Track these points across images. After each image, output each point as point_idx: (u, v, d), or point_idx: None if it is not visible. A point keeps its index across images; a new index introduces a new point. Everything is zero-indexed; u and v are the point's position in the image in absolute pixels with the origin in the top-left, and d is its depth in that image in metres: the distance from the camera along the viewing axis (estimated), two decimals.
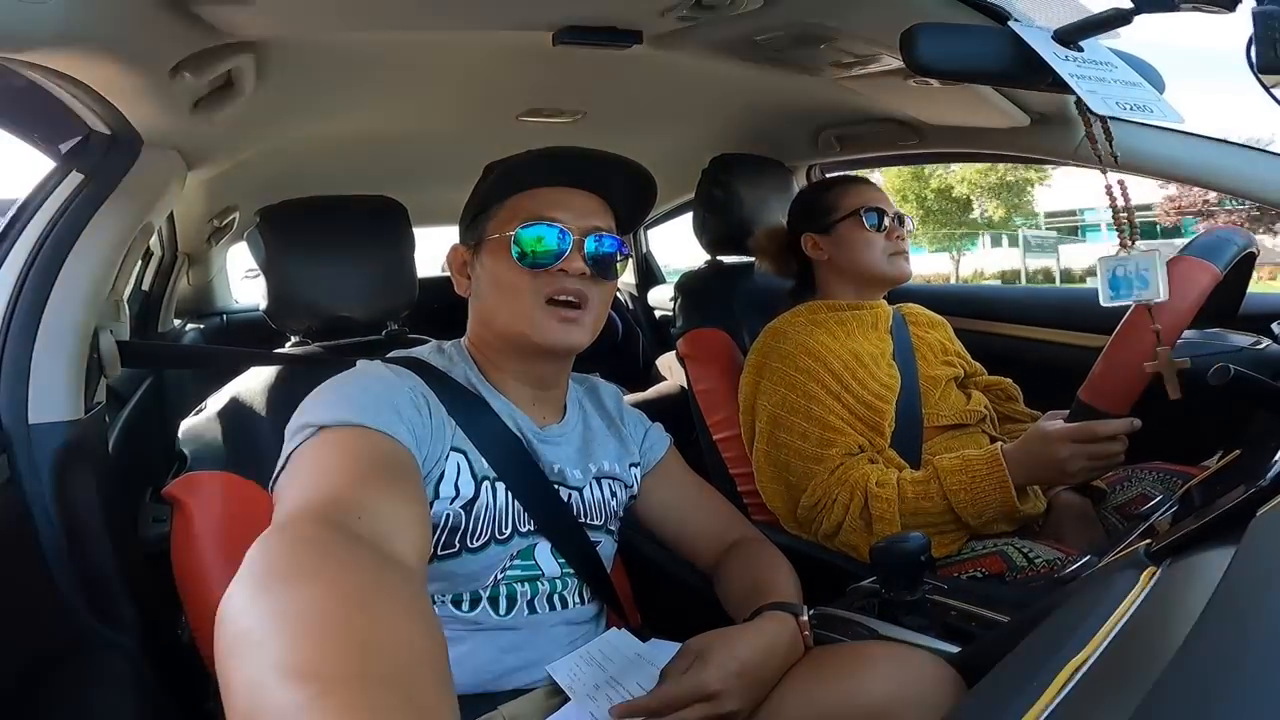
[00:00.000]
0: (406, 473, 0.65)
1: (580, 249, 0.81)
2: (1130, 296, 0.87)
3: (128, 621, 0.93)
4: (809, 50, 1.02)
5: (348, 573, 0.43)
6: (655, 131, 1.63)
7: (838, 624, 0.82)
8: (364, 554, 0.46)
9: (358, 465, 0.61)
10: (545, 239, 0.80)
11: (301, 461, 0.64)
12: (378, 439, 0.66)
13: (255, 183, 1.64)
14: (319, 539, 0.47)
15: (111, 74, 0.78)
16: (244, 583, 0.43)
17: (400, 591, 0.44)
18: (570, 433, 0.90)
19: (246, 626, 0.40)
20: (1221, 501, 0.47)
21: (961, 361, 1.34)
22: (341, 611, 0.40)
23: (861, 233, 1.25)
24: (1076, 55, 0.81)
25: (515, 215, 0.82)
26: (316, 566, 0.44)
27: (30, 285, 0.90)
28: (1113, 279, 0.88)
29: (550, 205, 0.82)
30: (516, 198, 0.84)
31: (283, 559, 0.45)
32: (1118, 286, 0.88)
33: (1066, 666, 0.37)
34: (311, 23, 0.83)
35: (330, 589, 0.41)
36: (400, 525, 0.55)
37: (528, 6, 0.87)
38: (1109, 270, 0.88)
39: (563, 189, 0.84)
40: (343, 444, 0.65)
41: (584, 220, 0.82)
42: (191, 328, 2.25)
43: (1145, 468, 1.14)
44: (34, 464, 0.87)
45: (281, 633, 0.38)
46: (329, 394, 0.72)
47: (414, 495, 0.64)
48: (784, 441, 1.16)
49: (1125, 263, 0.88)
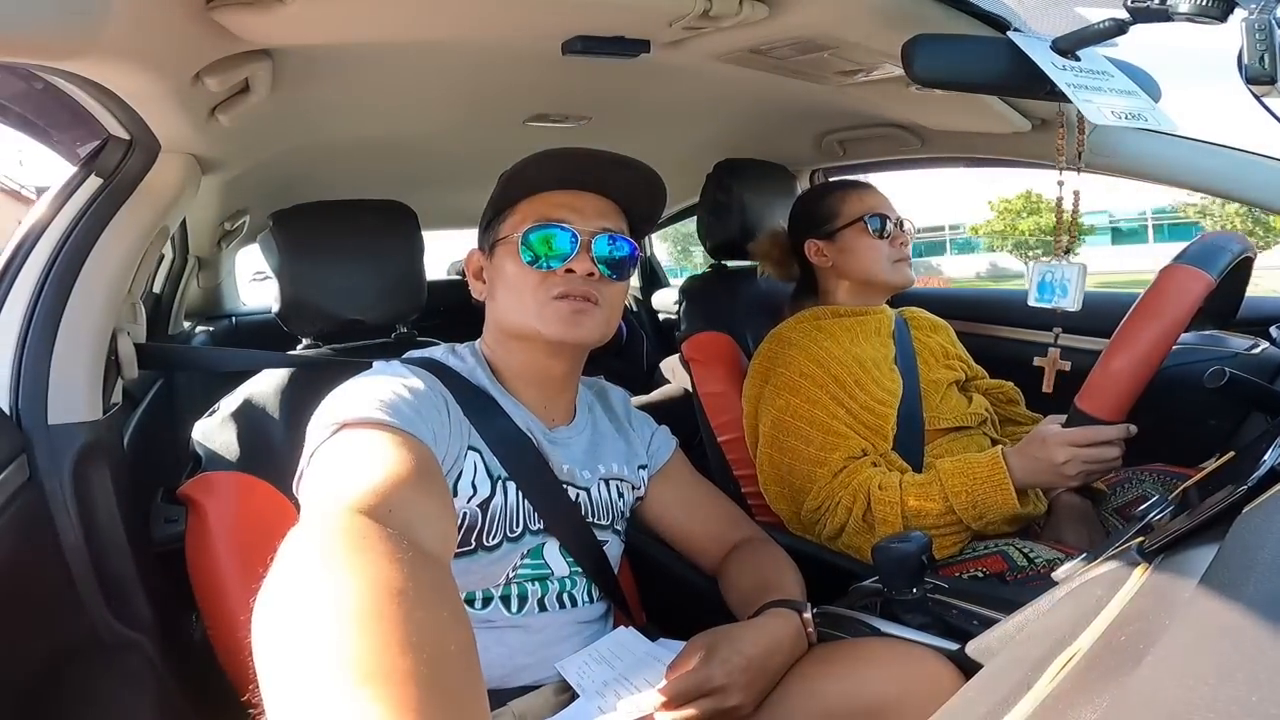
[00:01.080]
0: (430, 468, 0.66)
1: (588, 250, 0.82)
2: (1050, 301, 0.98)
3: (144, 620, 0.94)
4: (812, 58, 1.03)
5: (384, 564, 0.43)
6: (660, 136, 1.64)
7: (840, 622, 0.83)
8: (398, 546, 0.46)
9: (384, 461, 0.61)
10: (553, 240, 0.81)
11: (328, 458, 0.65)
12: (399, 436, 0.67)
13: (266, 186, 1.66)
14: (354, 530, 0.47)
15: (137, 80, 0.79)
16: (281, 575, 0.43)
17: (435, 584, 0.44)
18: (579, 434, 0.91)
19: (285, 618, 0.40)
20: (1211, 501, 0.48)
21: (963, 365, 1.35)
22: (379, 604, 0.40)
23: (865, 239, 1.26)
24: (1074, 65, 0.83)
25: (525, 218, 0.83)
26: (352, 558, 0.44)
27: (50, 287, 0.91)
28: (1041, 283, 0.99)
29: (558, 207, 0.83)
30: (528, 201, 0.85)
31: (319, 551, 0.45)
32: (1044, 290, 0.99)
33: (1059, 658, 0.39)
34: (332, 31, 0.84)
35: (368, 580, 0.42)
36: (428, 519, 0.56)
37: (539, 16, 0.88)
38: (1039, 275, 0.99)
39: (572, 192, 0.85)
40: (367, 441, 0.65)
41: (592, 222, 0.83)
42: (201, 330, 2.26)
43: (1145, 470, 1.15)
44: (54, 464, 0.88)
45: (321, 625, 0.39)
46: (351, 393, 0.72)
47: (440, 490, 0.64)
48: (787, 446, 1.17)
49: (1054, 270, 0.98)
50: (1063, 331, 1.05)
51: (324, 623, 0.39)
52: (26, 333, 0.90)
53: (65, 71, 0.72)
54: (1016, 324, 1.65)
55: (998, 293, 2.03)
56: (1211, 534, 0.44)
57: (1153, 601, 0.40)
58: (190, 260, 2.11)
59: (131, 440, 1.43)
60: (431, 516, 0.56)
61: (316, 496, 0.60)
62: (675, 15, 0.87)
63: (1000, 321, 1.68)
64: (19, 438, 0.87)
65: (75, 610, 0.90)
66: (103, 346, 0.96)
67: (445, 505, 0.62)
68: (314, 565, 0.44)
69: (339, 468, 0.62)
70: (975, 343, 1.44)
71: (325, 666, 0.36)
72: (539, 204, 0.84)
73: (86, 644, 0.91)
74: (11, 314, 0.91)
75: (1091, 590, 0.47)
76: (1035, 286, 0.98)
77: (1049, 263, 0.98)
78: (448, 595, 0.45)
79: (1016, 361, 1.49)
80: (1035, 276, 0.99)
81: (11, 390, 0.89)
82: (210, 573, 0.88)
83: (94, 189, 0.95)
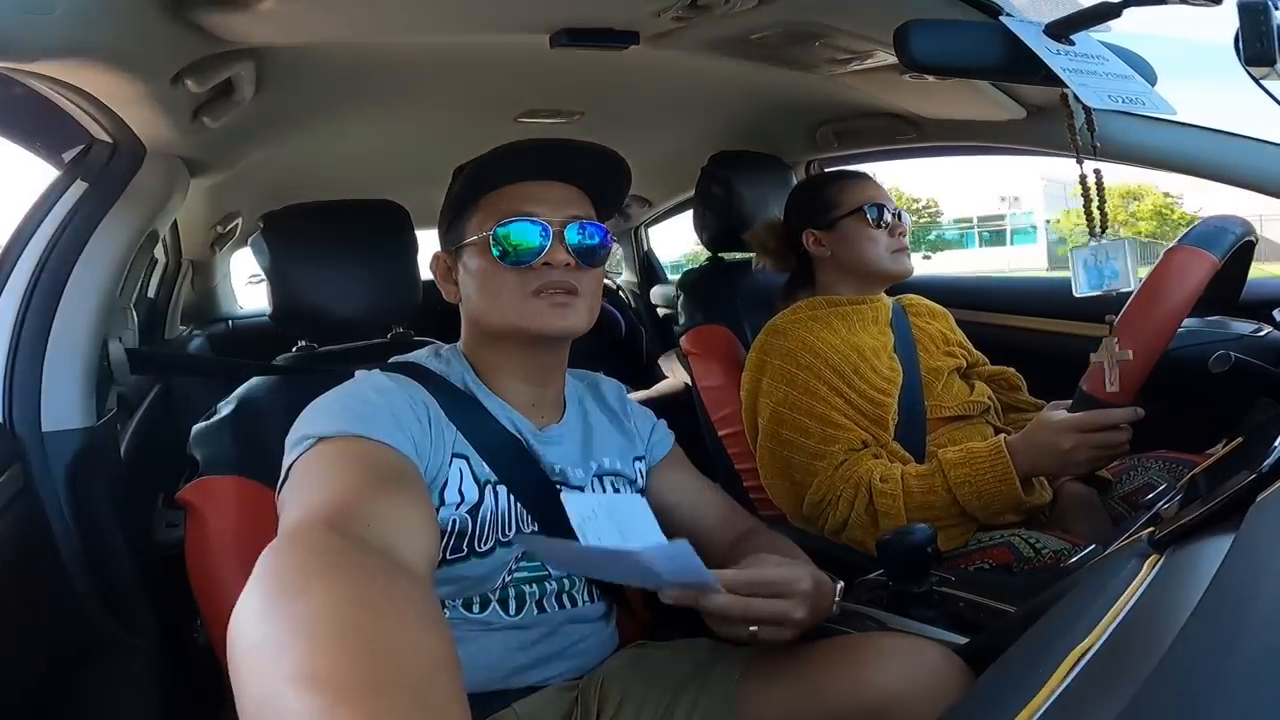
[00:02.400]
0: (409, 480, 0.65)
1: (561, 240, 0.80)
2: (1101, 286, 0.89)
3: (145, 625, 0.95)
4: (804, 47, 1.03)
5: (358, 580, 0.43)
6: (654, 130, 1.64)
7: (845, 616, 0.82)
8: (373, 561, 0.46)
9: (360, 474, 0.61)
10: (525, 234, 0.79)
11: (303, 472, 0.64)
12: (377, 448, 0.66)
13: (257, 188, 1.65)
14: (327, 547, 0.47)
15: (114, 83, 0.78)
16: (254, 593, 0.43)
17: (411, 598, 0.44)
18: (570, 431, 0.90)
19: (259, 637, 0.40)
20: (1222, 489, 0.47)
21: (963, 352, 1.34)
22: (353, 619, 0.40)
23: (865, 229, 1.25)
24: (1068, 49, 0.82)
25: (491, 214, 0.81)
26: (326, 575, 0.43)
27: (39, 294, 0.91)
28: (1087, 269, 0.91)
29: (525, 199, 0.81)
30: (490, 196, 0.83)
31: (292, 568, 0.45)
32: (1090, 276, 0.91)
33: (1071, 654, 0.38)
34: (311, 30, 0.83)
35: (341, 597, 0.41)
36: (406, 532, 0.55)
37: (525, 10, 0.87)
38: (1080, 261, 0.91)
39: (535, 183, 0.83)
40: (343, 454, 0.65)
41: (561, 211, 0.81)
42: (197, 334, 2.26)
43: (1151, 456, 1.14)
44: (49, 472, 0.89)
45: (295, 642, 0.38)
46: (327, 406, 0.72)
47: (418, 501, 0.64)
48: (787, 438, 1.16)
49: (1096, 251, 0.90)
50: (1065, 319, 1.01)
51: (296, 641, 0.38)
52: (17, 339, 0.90)
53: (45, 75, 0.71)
54: (1016, 310, 1.64)
55: (996, 279, 2.02)
56: (1223, 523, 0.43)
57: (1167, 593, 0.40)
58: (184, 264, 2.11)
59: (130, 446, 1.43)
60: (409, 527, 0.56)
61: (290, 513, 0.59)
62: (663, 5, 0.87)
63: (999, 308, 1.67)
64: (13, 445, 0.88)
65: (77, 616, 0.90)
66: (94, 352, 0.96)
67: (423, 516, 0.62)
68: (286, 584, 0.43)
69: (313, 483, 0.62)
70: (976, 330, 1.43)
71: (299, 685, 0.36)
72: (502, 198, 0.82)
73: (90, 650, 0.91)
74: (0, 320, 0.90)
75: (1103, 582, 0.47)
76: (1081, 276, 0.91)
77: (1089, 247, 0.90)
78: (424, 607, 0.44)
79: (1018, 348, 1.49)
80: (1077, 264, 0.91)
81: (4, 398, 0.89)
82: (210, 576, 0.88)
83: (80, 193, 0.95)
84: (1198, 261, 0.89)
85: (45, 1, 0.59)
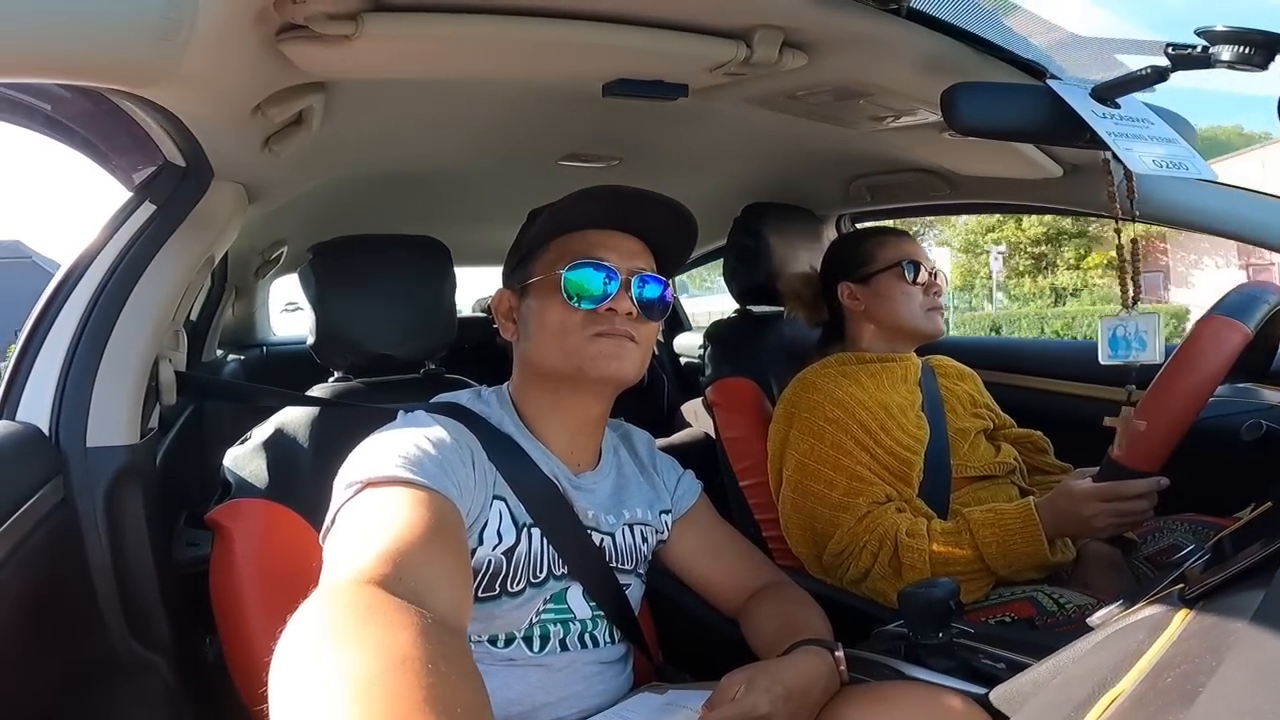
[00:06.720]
0: (450, 528, 0.66)
1: (628, 289, 0.82)
2: (1127, 357, 0.90)
3: (162, 641, 0.94)
4: (848, 105, 1.05)
5: (393, 634, 0.44)
6: (688, 179, 1.66)
7: (864, 666, 0.82)
8: (407, 615, 0.47)
9: (401, 524, 0.62)
10: (594, 279, 0.81)
11: (348, 520, 0.66)
12: (423, 495, 0.67)
13: (304, 217, 1.69)
14: (363, 602, 0.48)
15: (205, 108, 0.81)
16: (295, 645, 0.45)
17: (448, 651, 0.45)
18: (604, 480, 0.91)
19: (300, 690, 0.41)
20: (1252, 549, 0.48)
21: (990, 414, 1.34)
22: (388, 673, 0.41)
23: (901, 285, 1.26)
24: (1114, 112, 0.83)
25: (562, 256, 0.83)
26: (361, 630, 0.45)
27: (99, 312, 0.92)
28: (1112, 339, 0.92)
29: (596, 246, 0.83)
30: (562, 239, 0.85)
31: (329, 624, 0.46)
32: (1116, 346, 0.91)
33: (1101, 700, 0.38)
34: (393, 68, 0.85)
35: (375, 651, 0.42)
36: (442, 582, 0.56)
37: (589, 59, 0.90)
38: (1109, 330, 0.92)
39: (606, 231, 0.85)
40: (388, 502, 0.66)
41: (629, 261, 0.84)
42: (233, 358, 2.30)
43: (1177, 519, 1.13)
44: (89, 486, 0.89)
45: (331, 699, 0.40)
46: (376, 448, 0.73)
47: (456, 549, 0.65)
48: (811, 490, 1.16)
49: (1125, 323, 0.91)
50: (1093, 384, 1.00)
51: (332, 695, 0.40)
52: (72, 355, 0.91)
53: (138, 96, 0.74)
54: (1044, 374, 1.63)
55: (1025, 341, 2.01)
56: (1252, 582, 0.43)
57: (1199, 644, 0.40)
58: (228, 289, 2.15)
59: (160, 464, 1.44)
60: (444, 579, 0.57)
61: (332, 564, 0.61)
62: (717, 62, 0.89)
63: (1028, 371, 1.65)
64: (56, 459, 0.89)
65: (97, 630, 0.91)
66: (145, 372, 0.97)
67: (460, 566, 0.63)
68: (322, 639, 0.45)
69: (356, 532, 0.63)
70: (1003, 392, 1.42)
71: None
72: (574, 242, 0.84)
73: (105, 663, 0.91)
74: (59, 336, 0.93)
75: (1132, 634, 0.47)
76: (1106, 343, 0.93)
77: (1118, 317, 0.92)
78: (458, 658, 0.46)
79: (1045, 411, 1.47)
80: (1105, 333, 0.93)
81: (54, 411, 0.90)
82: (233, 597, 0.88)
83: (147, 215, 0.97)
84: (1229, 332, 0.89)
85: (174, 29, 0.61)
